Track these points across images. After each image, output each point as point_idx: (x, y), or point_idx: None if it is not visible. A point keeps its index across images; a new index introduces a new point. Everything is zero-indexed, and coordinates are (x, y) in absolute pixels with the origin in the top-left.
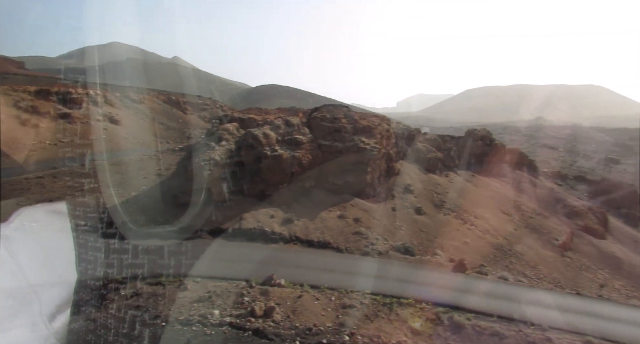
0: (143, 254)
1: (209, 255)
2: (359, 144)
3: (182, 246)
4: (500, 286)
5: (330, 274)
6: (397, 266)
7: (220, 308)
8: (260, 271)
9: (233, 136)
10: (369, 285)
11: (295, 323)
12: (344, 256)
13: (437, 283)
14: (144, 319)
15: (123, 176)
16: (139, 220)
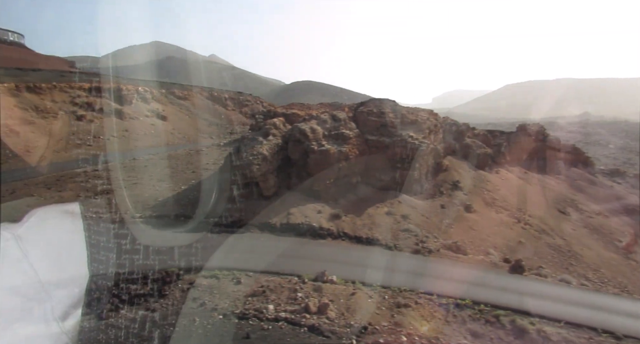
0: (196, 246)
1: (259, 249)
2: (406, 139)
3: (232, 240)
4: (563, 290)
5: (381, 271)
6: (449, 265)
7: (274, 302)
8: (311, 267)
9: (280, 131)
10: (423, 284)
11: (350, 321)
12: (394, 254)
13: (494, 284)
14: (200, 311)
15: (173, 171)
16: (189, 213)
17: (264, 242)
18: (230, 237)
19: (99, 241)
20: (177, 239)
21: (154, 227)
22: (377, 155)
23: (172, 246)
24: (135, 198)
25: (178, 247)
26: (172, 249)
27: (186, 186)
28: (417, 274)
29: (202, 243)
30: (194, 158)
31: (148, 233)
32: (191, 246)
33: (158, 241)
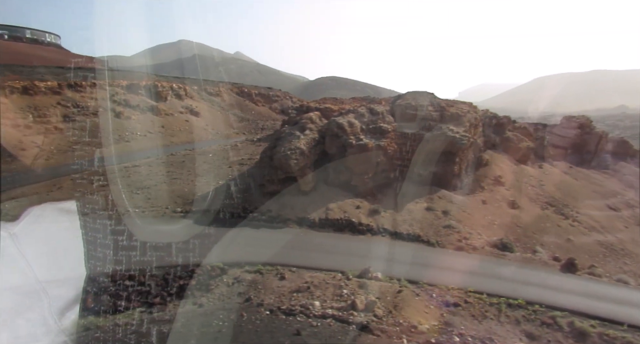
0: (238, 241)
1: (300, 245)
2: (446, 133)
3: (271, 235)
4: (622, 290)
5: (425, 269)
6: (496, 263)
7: (320, 299)
8: (353, 263)
9: (316, 125)
10: (470, 283)
11: (398, 319)
12: (436, 251)
13: (546, 283)
14: (247, 306)
15: (210, 166)
16: (228, 207)
17: (304, 237)
18: (269, 232)
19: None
20: (218, 234)
21: (195, 222)
22: (416, 150)
23: (214, 241)
24: (175, 193)
25: (219, 242)
26: (214, 243)
27: (223, 181)
28: (463, 272)
29: (243, 238)
30: (229, 154)
31: (191, 228)
32: (233, 240)
33: (200, 235)
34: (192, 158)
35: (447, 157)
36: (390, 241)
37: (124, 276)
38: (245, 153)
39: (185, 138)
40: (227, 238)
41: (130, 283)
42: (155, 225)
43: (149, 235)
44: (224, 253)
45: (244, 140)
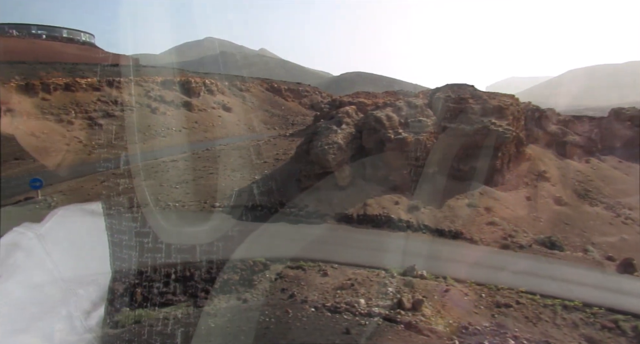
0: (275, 235)
1: (339, 241)
2: (489, 126)
3: (310, 230)
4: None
5: (471, 267)
6: (545, 262)
7: (364, 297)
8: (395, 260)
9: (352, 119)
10: (520, 282)
11: (447, 319)
12: (481, 249)
13: (603, 284)
14: (291, 303)
15: (244, 161)
16: (265, 202)
17: (342, 233)
18: (307, 228)
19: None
20: (257, 228)
21: (233, 217)
22: (456, 144)
23: (253, 236)
24: (213, 188)
25: (259, 237)
26: (253, 238)
27: (260, 176)
28: (511, 271)
29: (281, 233)
30: (263, 149)
31: (228, 223)
32: (272, 235)
33: (239, 230)
34: (227, 153)
35: (489, 152)
36: (432, 238)
37: (169, 269)
38: (279, 148)
39: (218, 133)
40: (266, 233)
41: (176, 276)
42: (194, 219)
43: (187, 230)
44: (264, 248)
45: (277, 136)
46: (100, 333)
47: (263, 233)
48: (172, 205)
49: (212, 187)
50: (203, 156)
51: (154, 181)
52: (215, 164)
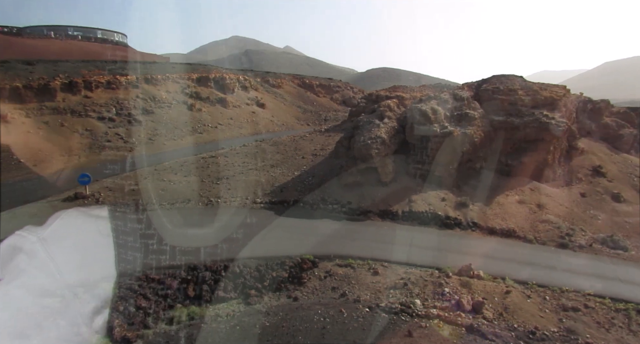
0: (320, 233)
1: (385, 238)
2: (540, 119)
3: (355, 227)
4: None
5: (530, 267)
6: (610, 263)
7: (420, 297)
8: (447, 259)
9: (394, 113)
10: (586, 284)
11: (511, 323)
12: (537, 248)
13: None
14: (343, 302)
15: (283, 157)
16: (307, 199)
17: (388, 231)
18: (351, 224)
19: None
20: (301, 225)
21: (276, 213)
22: (504, 138)
23: (298, 233)
24: (253, 184)
25: (303, 233)
26: (299, 235)
27: (299, 172)
28: (574, 272)
29: (326, 230)
30: (300, 144)
31: (270, 219)
32: (317, 232)
33: (283, 227)
34: (264, 149)
35: (540, 146)
36: (482, 236)
37: (219, 266)
38: (316, 144)
39: (252, 129)
40: (310, 229)
41: (225, 273)
42: (235, 215)
43: (230, 225)
44: (310, 246)
45: (313, 131)
46: (105, 334)
47: (307, 230)
48: (213, 200)
49: (252, 183)
50: (241, 152)
51: (195, 177)
52: (254, 160)
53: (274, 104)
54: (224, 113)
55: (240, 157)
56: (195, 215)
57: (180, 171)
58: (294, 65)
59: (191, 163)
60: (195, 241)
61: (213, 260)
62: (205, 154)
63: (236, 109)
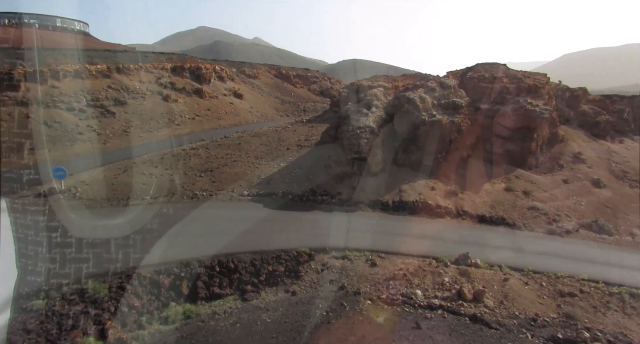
0: (313, 224)
1: (379, 228)
2: (525, 106)
3: (346, 218)
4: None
5: (523, 254)
6: (597, 247)
7: (420, 288)
8: (442, 248)
9: (381, 102)
10: (579, 270)
11: (512, 311)
12: (527, 234)
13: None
14: (343, 295)
15: (267, 148)
16: (296, 190)
17: (380, 221)
18: (343, 215)
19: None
20: (292, 217)
21: (264, 206)
22: (489, 126)
23: (291, 225)
24: (239, 176)
25: (296, 226)
26: (292, 227)
27: (285, 163)
28: (565, 258)
29: (318, 222)
30: (283, 135)
31: (260, 212)
32: (309, 224)
33: (274, 219)
34: (247, 141)
35: (524, 133)
36: (473, 224)
37: (213, 261)
38: (299, 134)
39: (231, 121)
40: (302, 221)
41: (220, 269)
42: (225, 208)
43: (220, 219)
44: (304, 238)
45: (294, 122)
46: (5, 334)
47: (299, 222)
48: (199, 194)
49: (237, 175)
50: (223, 143)
51: (177, 170)
52: (237, 151)
53: (252, 95)
54: (201, 104)
55: (222, 148)
56: (180, 210)
57: (161, 164)
58: (264, 57)
59: (172, 156)
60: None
61: (206, 255)
62: (185, 146)
63: (213, 100)
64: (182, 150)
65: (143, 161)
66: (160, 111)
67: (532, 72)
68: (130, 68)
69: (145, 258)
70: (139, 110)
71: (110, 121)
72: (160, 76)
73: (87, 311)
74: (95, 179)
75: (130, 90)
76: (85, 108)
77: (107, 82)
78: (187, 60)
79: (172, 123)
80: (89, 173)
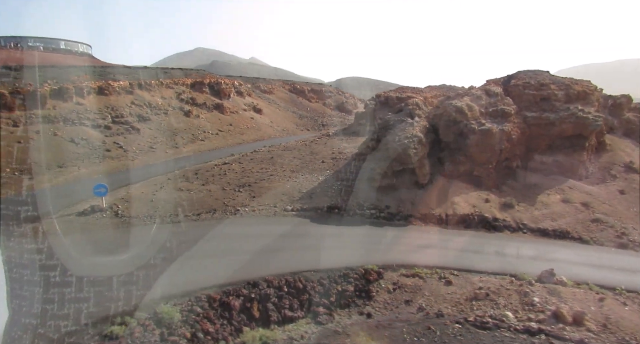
0: (368, 241)
1: (440, 244)
2: (577, 113)
3: (402, 233)
4: None
5: (604, 271)
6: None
7: (508, 309)
8: (511, 265)
9: (423, 111)
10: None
11: (621, 336)
12: (599, 249)
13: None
14: (425, 317)
15: (302, 161)
16: (341, 204)
17: (437, 236)
18: (396, 230)
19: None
20: (344, 232)
21: (312, 221)
22: (537, 135)
23: (347, 241)
24: (278, 190)
25: (350, 241)
26: (345, 244)
27: (323, 176)
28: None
29: (373, 237)
30: (315, 149)
31: (311, 228)
32: (365, 239)
33: (328, 235)
34: (279, 155)
35: (573, 142)
36: (535, 238)
37: (280, 281)
38: (331, 147)
39: (254, 135)
40: (356, 237)
41: (288, 289)
42: (277, 224)
43: (277, 237)
44: (364, 254)
45: (321, 136)
46: None
47: (353, 238)
48: (241, 209)
49: (277, 189)
50: (255, 158)
51: (213, 185)
52: (271, 166)
53: (270, 110)
54: (223, 119)
55: (256, 162)
56: (227, 226)
57: (196, 179)
58: (262, 76)
59: (205, 171)
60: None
61: (270, 274)
62: (215, 161)
63: (234, 115)
64: (215, 165)
65: (177, 177)
66: (184, 127)
67: (575, 79)
68: (152, 84)
69: (209, 279)
70: (162, 126)
71: (136, 137)
72: (181, 92)
73: (166, 339)
74: (133, 196)
75: (153, 105)
76: (110, 125)
77: (130, 98)
78: (206, 76)
79: (196, 138)
80: (124, 190)
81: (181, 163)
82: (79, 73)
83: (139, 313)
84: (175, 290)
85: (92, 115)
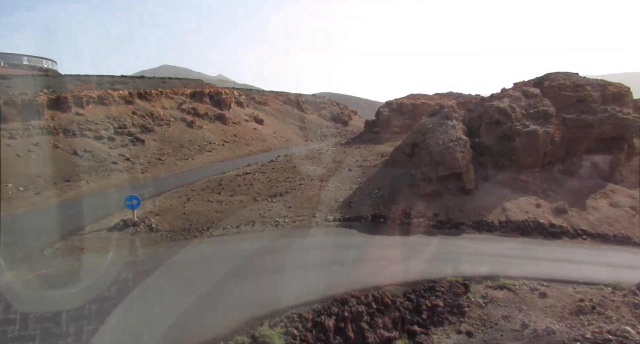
0: (430, 250)
1: (510, 253)
2: (616, 115)
3: (458, 242)
4: None
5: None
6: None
7: (624, 323)
8: (595, 273)
9: (458, 114)
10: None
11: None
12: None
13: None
14: (532, 335)
15: (327, 169)
16: (384, 212)
17: (496, 243)
18: (452, 239)
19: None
20: (401, 243)
21: (359, 231)
22: (575, 137)
23: (408, 251)
24: (313, 200)
25: (408, 251)
26: (408, 254)
27: (356, 184)
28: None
29: (429, 246)
30: (337, 157)
31: (361, 239)
32: (426, 249)
33: (384, 246)
34: (300, 163)
35: (615, 144)
36: (597, 244)
37: (367, 297)
38: (352, 155)
39: (260, 146)
40: (415, 247)
41: (376, 305)
42: (333, 236)
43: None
44: (438, 265)
45: (335, 144)
46: None
47: (411, 248)
48: (280, 221)
49: (312, 198)
50: (276, 167)
51: (243, 196)
52: (297, 174)
53: (269, 121)
54: (226, 130)
55: (279, 172)
56: (275, 240)
57: (222, 190)
58: None
59: (229, 181)
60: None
61: (352, 289)
62: (234, 172)
63: (237, 126)
64: (236, 175)
65: (201, 188)
66: (188, 138)
67: (605, 80)
68: (152, 93)
69: (293, 296)
70: (166, 137)
71: (141, 149)
72: (182, 102)
73: None
74: (163, 209)
75: (155, 116)
76: (114, 136)
77: (131, 108)
78: (206, 85)
79: (203, 149)
80: (150, 203)
81: (195, 175)
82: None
83: (238, 337)
84: (265, 309)
85: (94, 126)
